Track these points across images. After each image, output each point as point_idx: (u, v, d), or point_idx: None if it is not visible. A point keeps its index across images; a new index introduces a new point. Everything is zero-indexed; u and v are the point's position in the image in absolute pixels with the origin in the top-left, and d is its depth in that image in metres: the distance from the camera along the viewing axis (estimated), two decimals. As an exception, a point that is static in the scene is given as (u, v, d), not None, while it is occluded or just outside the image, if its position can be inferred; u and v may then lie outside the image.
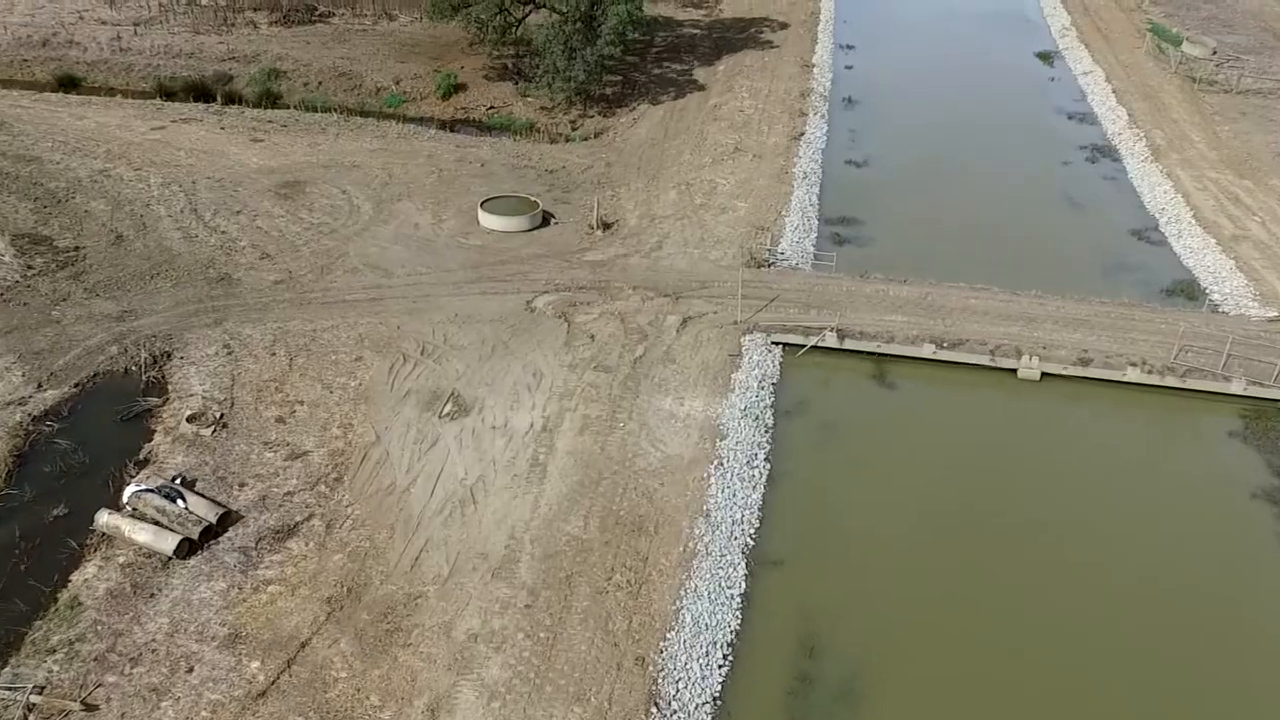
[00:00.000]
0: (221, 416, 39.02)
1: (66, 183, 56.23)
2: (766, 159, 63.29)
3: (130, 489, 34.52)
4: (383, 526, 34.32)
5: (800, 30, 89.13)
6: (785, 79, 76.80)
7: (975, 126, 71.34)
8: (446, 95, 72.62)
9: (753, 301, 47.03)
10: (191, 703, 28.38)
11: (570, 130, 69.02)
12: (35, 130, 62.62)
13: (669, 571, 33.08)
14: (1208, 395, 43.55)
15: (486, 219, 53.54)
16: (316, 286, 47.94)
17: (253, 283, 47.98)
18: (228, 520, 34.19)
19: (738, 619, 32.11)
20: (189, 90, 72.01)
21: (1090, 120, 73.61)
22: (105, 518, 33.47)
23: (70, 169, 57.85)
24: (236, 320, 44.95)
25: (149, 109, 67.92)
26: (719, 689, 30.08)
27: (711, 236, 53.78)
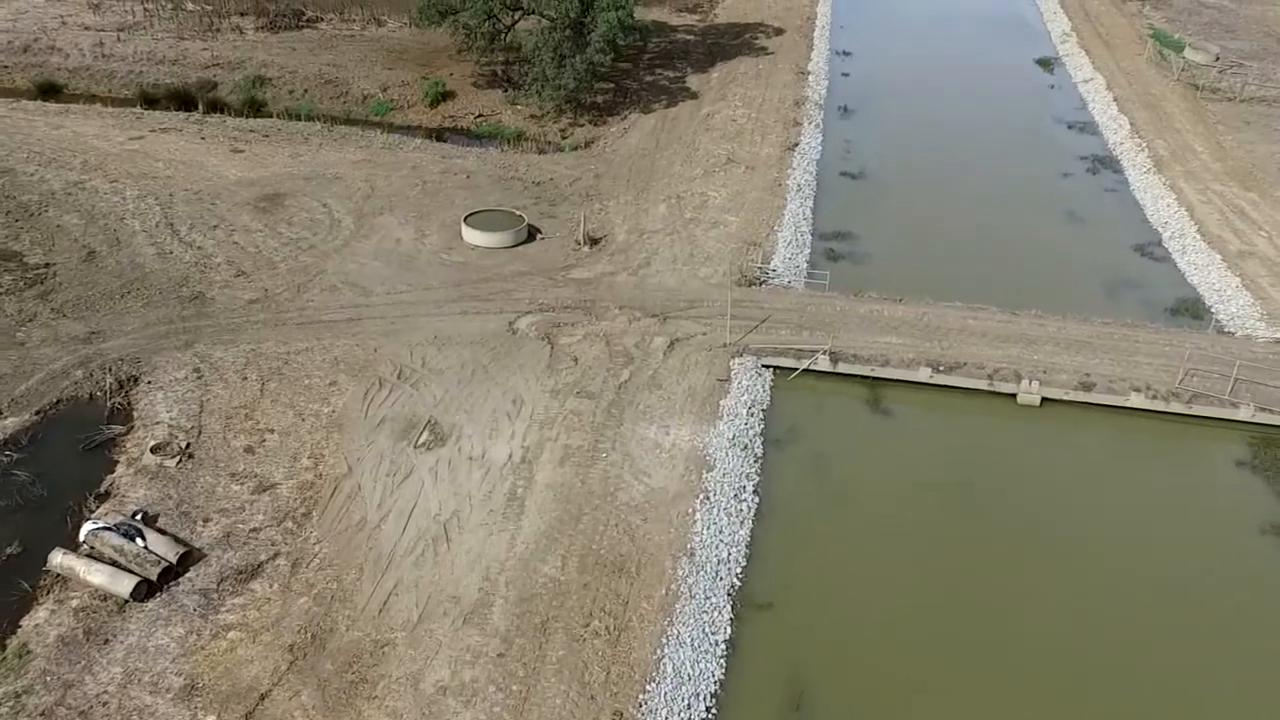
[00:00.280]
0: (187, 446, 37.46)
1: (40, 195, 54.69)
2: (759, 170, 61.67)
3: (87, 526, 32.97)
4: (351, 566, 32.75)
5: (796, 36, 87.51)
6: (780, 87, 75.17)
7: (974, 137, 69.83)
8: (434, 103, 71.14)
9: (743, 322, 45.46)
10: (142, 761, 26.86)
11: (560, 139, 67.47)
12: (9, 140, 61.04)
13: (650, 617, 31.45)
14: (1214, 422, 42.01)
15: (470, 234, 51.94)
16: (292, 306, 46.37)
17: (227, 301, 46.42)
18: (189, 559, 32.62)
19: (722, 668, 30.46)
20: (172, 98, 70.57)
21: (1091, 130, 72.04)
22: (60, 558, 31.90)
23: (44, 181, 56.30)
24: (208, 342, 43.39)
25: (128, 118, 66.34)
26: (701, 744, 28.49)
27: (701, 253, 52.18)
